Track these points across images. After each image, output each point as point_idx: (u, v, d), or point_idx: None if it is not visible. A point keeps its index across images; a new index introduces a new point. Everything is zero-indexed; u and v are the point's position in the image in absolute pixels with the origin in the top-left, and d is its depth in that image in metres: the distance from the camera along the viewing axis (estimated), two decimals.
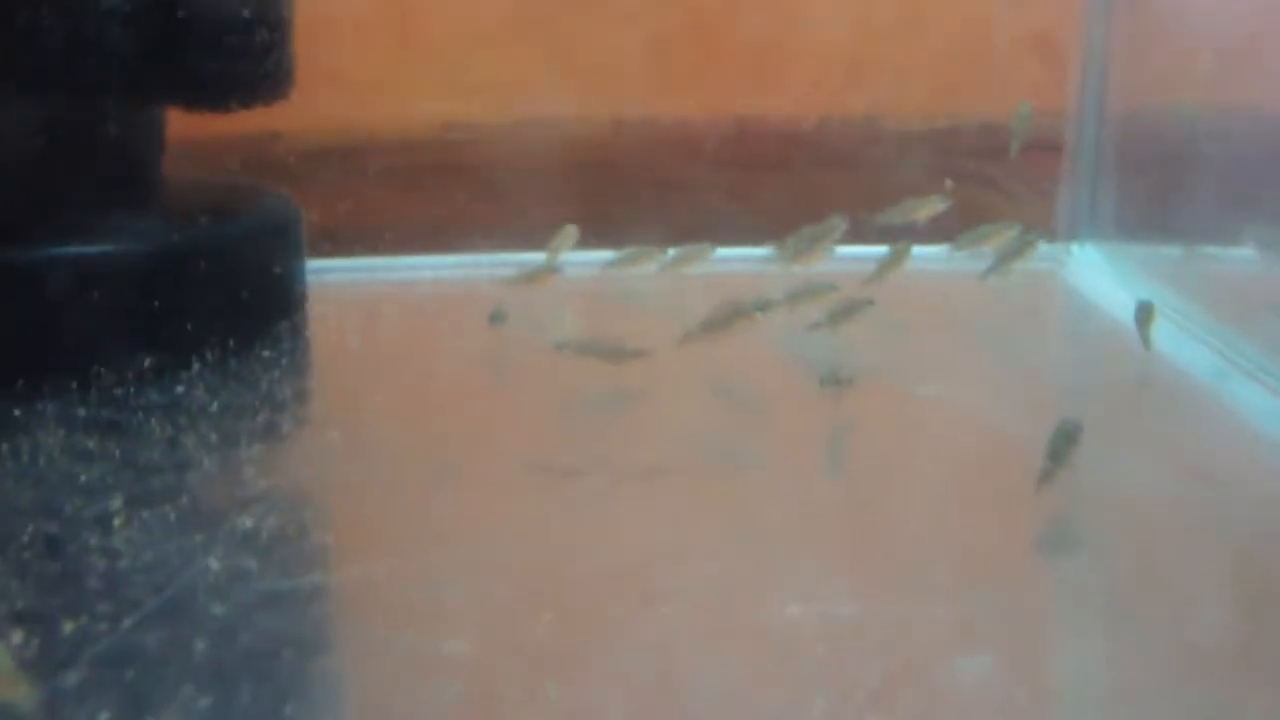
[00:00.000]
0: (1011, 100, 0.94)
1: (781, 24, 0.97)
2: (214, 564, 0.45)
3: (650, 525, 0.49)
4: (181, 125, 0.77)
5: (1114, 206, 0.92)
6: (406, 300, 0.86)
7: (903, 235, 0.82)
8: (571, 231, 0.84)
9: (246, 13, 0.73)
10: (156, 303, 0.69)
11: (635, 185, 1.01)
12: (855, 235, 0.81)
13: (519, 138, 0.97)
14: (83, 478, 0.54)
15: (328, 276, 0.83)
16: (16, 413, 0.62)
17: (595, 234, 0.88)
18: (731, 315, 0.66)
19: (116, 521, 0.49)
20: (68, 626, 0.41)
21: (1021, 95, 0.95)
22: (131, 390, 0.65)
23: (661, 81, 0.98)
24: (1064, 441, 0.51)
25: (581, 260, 0.87)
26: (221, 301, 0.73)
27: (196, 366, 0.69)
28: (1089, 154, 0.96)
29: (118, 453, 0.57)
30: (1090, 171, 0.95)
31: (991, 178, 0.99)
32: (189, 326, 0.70)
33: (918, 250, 0.79)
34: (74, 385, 0.65)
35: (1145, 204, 0.89)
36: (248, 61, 0.73)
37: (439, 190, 0.98)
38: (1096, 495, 0.51)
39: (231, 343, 0.72)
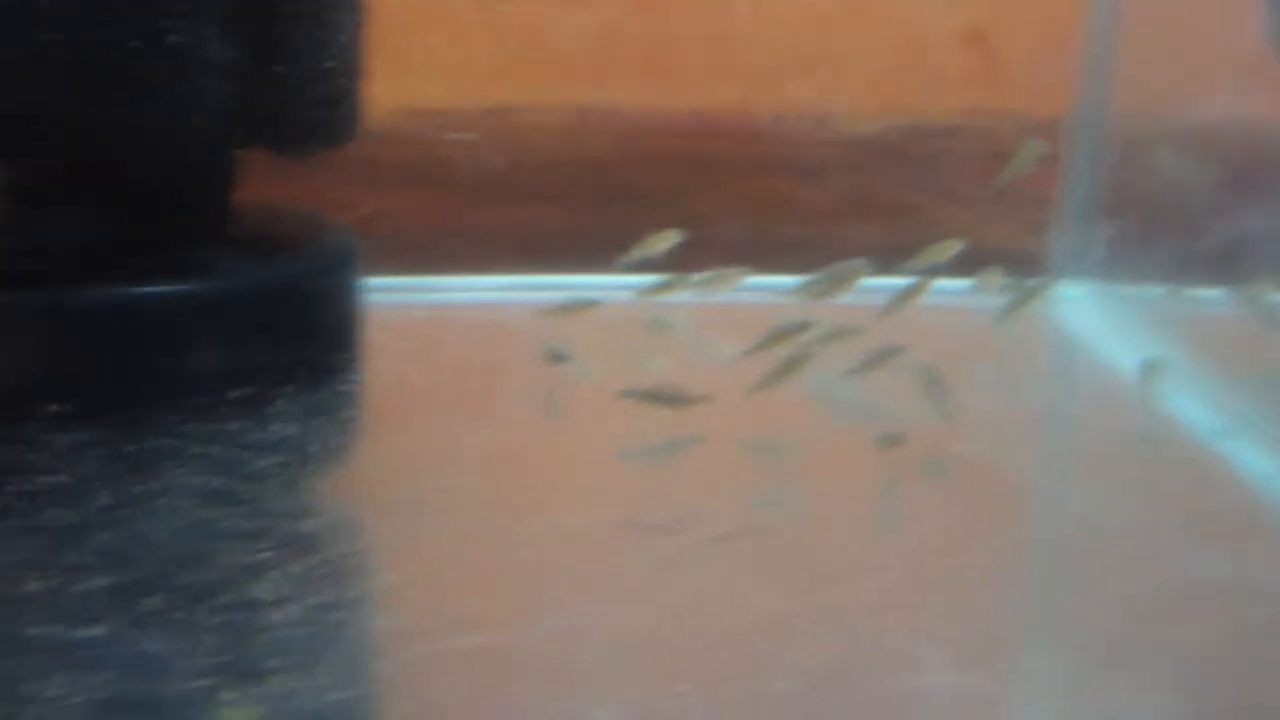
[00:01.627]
0: (957, 102, 0.99)
1: (727, 14, 0.99)
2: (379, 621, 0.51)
3: (753, 588, 0.55)
4: None
5: (1106, 243, 0.97)
6: (451, 327, 0.91)
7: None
8: (671, 235, 0.87)
9: (331, 64, 0.77)
10: (247, 336, 0.74)
11: (614, 188, 1.02)
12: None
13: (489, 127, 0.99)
14: (221, 523, 0.59)
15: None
16: (131, 448, 0.67)
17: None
18: (792, 364, 0.73)
19: (270, 573, 0.55)
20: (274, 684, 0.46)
21: (967, 98, 1.00)
22: (232, 425, 0.70)
23: (618, 70, 1.00)
24: None
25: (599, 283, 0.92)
26: (301, 333, 0.78)
27: (280, 402, 0.74)
28: (1084, 182, 1.00)
29: (244, 496, 0.62)
30: (1084, 202, 1.00)
31: (950, 191, 1.04)
32: (274, 359, 0.76)
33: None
34: (172, 419, 0.70)
35: (1141, 241, 0.93)
36: (329, 109, 0.78)
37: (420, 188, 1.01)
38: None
39: (309, 374, 0.77)
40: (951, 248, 0.87)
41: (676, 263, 0.94)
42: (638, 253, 0.87)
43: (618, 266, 0.87)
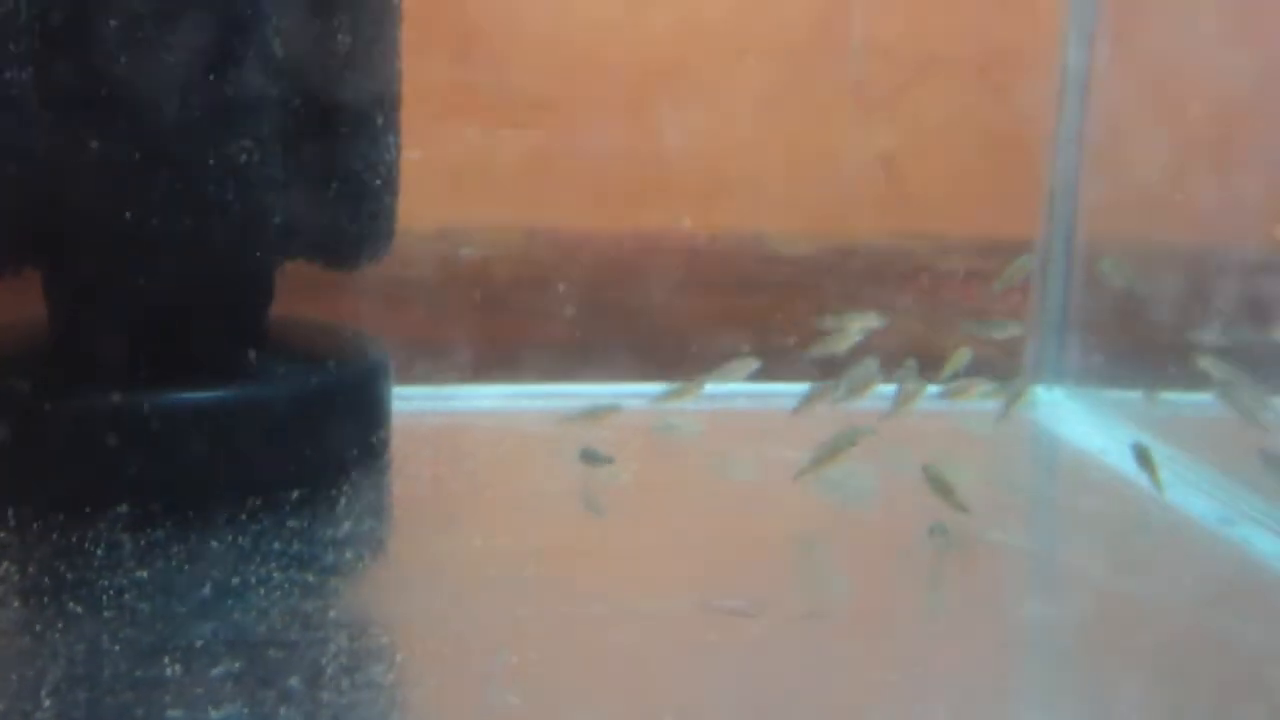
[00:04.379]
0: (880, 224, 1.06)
1: (647, 138, 1.04)
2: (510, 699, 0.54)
3: (847, 669, 0.59)
4: None
5: (1080, 347, 1.04)
6: (467, 432, 0.94)
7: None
8: (750, 363, 0.94)
9: (379, 182, 0.82)
10: (299, 440, 0.77)
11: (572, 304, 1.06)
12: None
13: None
14: (317, 614, 0.62)
15: None
16: (211, 544, 0.69)
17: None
18: (835, 449, 0.78)
19: (384, 658, 0.58)
20: None
21: (885, 217, 1.07)
22: (294, 523, 0.72)
23: (555, 192, 1.04)
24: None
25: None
26: (347, 437, 0.81)
27: (334, 502, 0.76)
28: (1057, 290, 1.07)
29: (330, 588, 0.65)
30: (1059, 309, 1.07)
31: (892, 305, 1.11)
32: (322, 462, 0.78)
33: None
34: (239, 518, 0.72)
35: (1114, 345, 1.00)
36: (376, 223, 0.82)
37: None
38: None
39: (356, 476, 0.80)
40: (965, 356, 0.94)
41: (650, 374, 1.00)
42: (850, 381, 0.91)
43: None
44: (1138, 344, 0.98)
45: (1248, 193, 0.87)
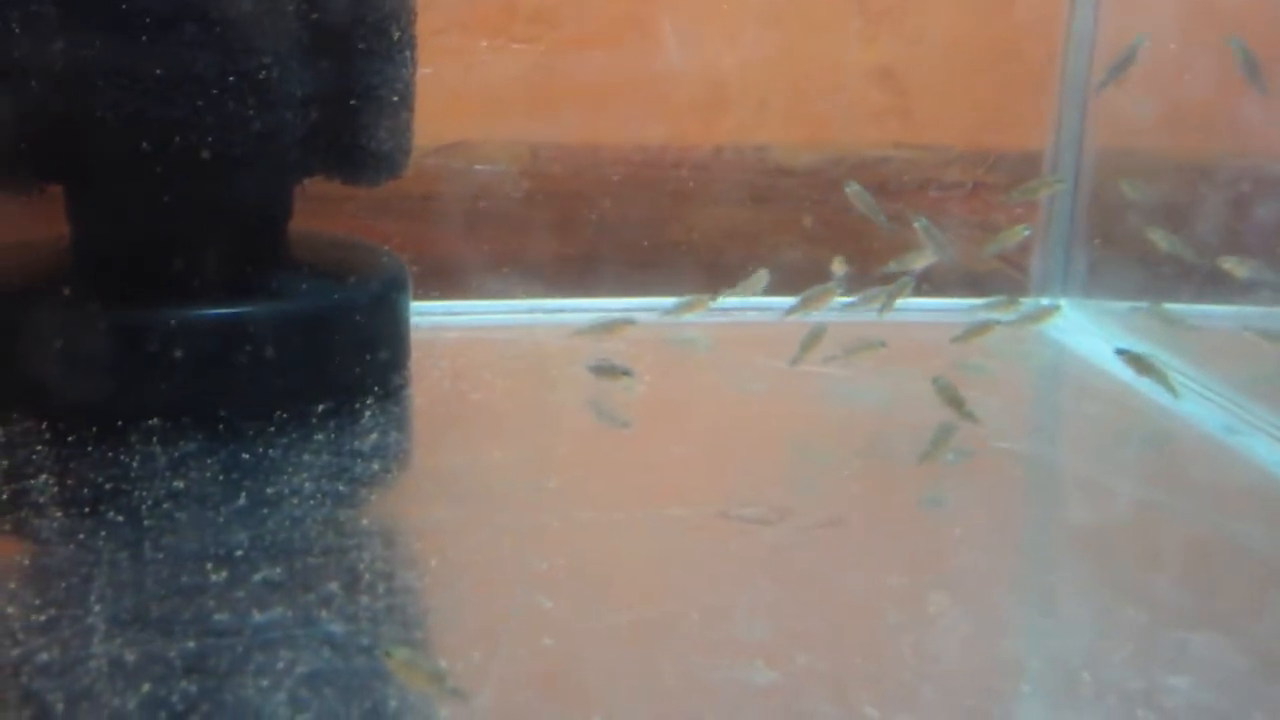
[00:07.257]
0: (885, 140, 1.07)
1: (651, 53, 1.05)
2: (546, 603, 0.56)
3: (864, 571, 0.61)
4: None
5: (1087, 260, 1.06)
6: (488, 346, 0.96)
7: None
8: (763, 275, 0.95)
9: (396, 98, 0.82)
10: (328, 352, 0.79)
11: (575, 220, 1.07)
12: None
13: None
14: (350, 522, 0.64)
15: None
16: (245, 456, 0.70)
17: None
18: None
19: (417, 565, 0.60)
20: None
21: (889, 130, 1.07)
22: (320, 436, 0.74)
23: (560, 107, 1.05)
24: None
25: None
26: (370, 352, 0.82)
27: (359, 415, 0.78)
28: (1064, 204, 1.08)
29: (360, 498, 0.67)
30: (1066, 222, 1.08)
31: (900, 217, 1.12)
32: (345, 376, 0.80)
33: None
34: (267, 431, 0.74)
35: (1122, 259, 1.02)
36: (395, 140, 0.83)
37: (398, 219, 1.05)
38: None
39: (378, 389, 0.82)
40: (1019, 233, 0.95)
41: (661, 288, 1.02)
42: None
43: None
44: (1143, 257, 0.99)
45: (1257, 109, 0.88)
